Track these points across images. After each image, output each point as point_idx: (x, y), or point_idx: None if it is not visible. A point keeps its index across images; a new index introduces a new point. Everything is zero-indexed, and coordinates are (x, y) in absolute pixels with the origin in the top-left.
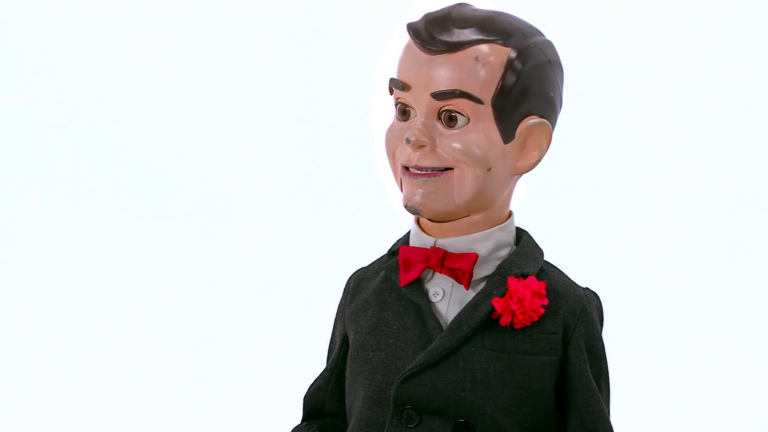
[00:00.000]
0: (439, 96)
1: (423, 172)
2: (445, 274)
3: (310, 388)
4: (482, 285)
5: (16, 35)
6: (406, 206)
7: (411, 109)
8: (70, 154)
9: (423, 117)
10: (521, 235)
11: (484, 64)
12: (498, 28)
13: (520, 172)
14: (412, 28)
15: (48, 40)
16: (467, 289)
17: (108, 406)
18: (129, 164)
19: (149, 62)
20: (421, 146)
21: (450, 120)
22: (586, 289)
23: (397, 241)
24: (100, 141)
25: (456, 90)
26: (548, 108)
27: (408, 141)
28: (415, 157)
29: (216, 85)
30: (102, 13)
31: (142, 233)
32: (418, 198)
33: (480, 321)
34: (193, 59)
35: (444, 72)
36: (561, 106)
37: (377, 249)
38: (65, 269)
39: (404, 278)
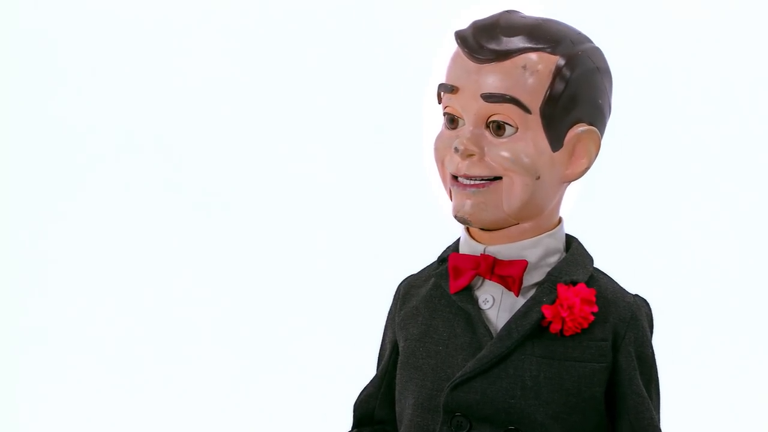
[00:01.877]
0: (488, 98)
1: (472, 183)
2: (494, 281)
3: (360, 395)
4: (532, 292)
5: (56, 40)
6: (455, 216)
7: (459, 119)
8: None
9: (471, 126)
10: (571, 242)
11: (532, 73)
12: (546, 36)
13: (569, 180)
14: (460, 36)
15: (84, 44)
16: (517, 296)
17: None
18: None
19: (193, 60)
20: (470, 155)
21: (498, 129)
22: (636, 296)
23: (447, 248)
24: (133, 142)
25: (506, 95)
26: (597, 115)
27: (456, 150)
28: (463, 166)
29: (264, 88)
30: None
31: (190, 236)
32: (467, 208)
33: (530, 328)
34: (240, 61)
35: (492, 80)
36: (610, 113)
37: (427, 256)
38: (104, 267)
39: (454, 285)
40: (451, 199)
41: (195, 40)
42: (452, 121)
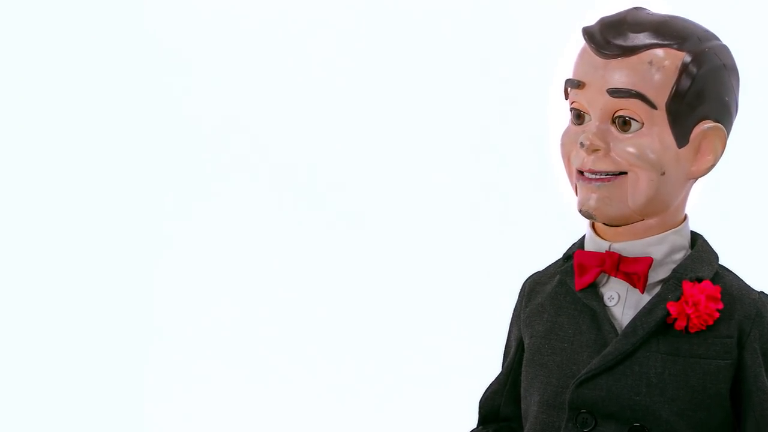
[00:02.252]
0: (614, 93)
1: (597, 177)
2: (620, 278)
3: (485, 392)
4: (657, 289)
5: (165, 38)
6: (580, 211)
7: (585, 114)
8: (229, 158)
9: (597, 121)
10: (696, 238)
11: (658, 68)
12: (673, 33)
13: (695, 177)
14: (588, 32)
15: (212, 48)
16: (642, 293)
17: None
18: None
19: (322, 65)
20: (595, 150)
21: (624, 124)
22: (762, 293)
23: (572, 245)
24: (260, 145)
25: (632, 90)
26: (723, 112)
27: (582, 145)
28: (589, 161)
29: (391, 88)
30: (253, 14)
31: (312, 238)
32: (592, 203)
33: (655, 325)
34: (365, 62)
35: (619, 76)
36: (737, 110)
37: (552, 253)
38: (229, 267)
39: (579, 282)
40: (577, 195)
41: (324, 43)
42: (578, 116)
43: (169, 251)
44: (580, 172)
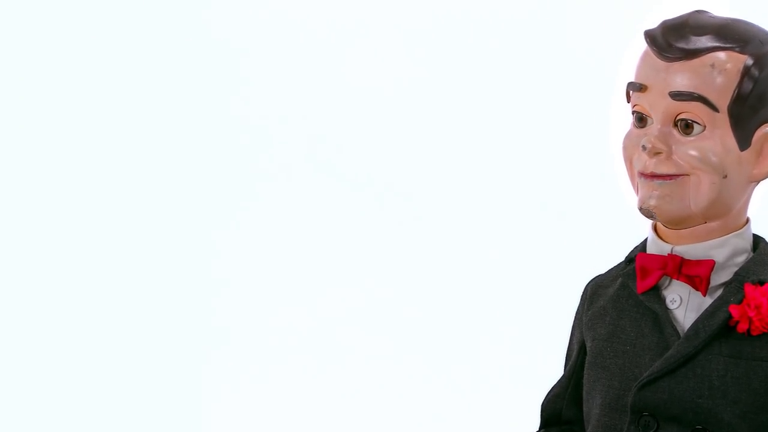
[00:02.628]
0: (676, 96)
1: (659, 175)
2: (682, 281)
3: (547, 394)
4: (719, 292)
5: (239, 45)
6: (641, 209)
7: (647, 117)
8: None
9: (659, 124)
10: (758, 242)
11: (720, 71)
12: (735, 36)
13: (757, 180)
14: (649, 35)
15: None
16: (704, 296)
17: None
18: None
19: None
20: (657, 153)
21: (686, 127)
22: None
23: (634, 248)
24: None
25: (694, 93)
26: None
27: (644, 148)
28: (651, 164)
29: (451, 89)
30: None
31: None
32: (653, 201)
33: (717, 328)
34: (424, 62)
35: (681, 79)
36: None
37: (613, 256)
38: (288, 268)
39: (641, 285)
40: (638, 195)
41: (378, 42)
42: (641, 119)
43: (226, 251)
44: (642, 174)
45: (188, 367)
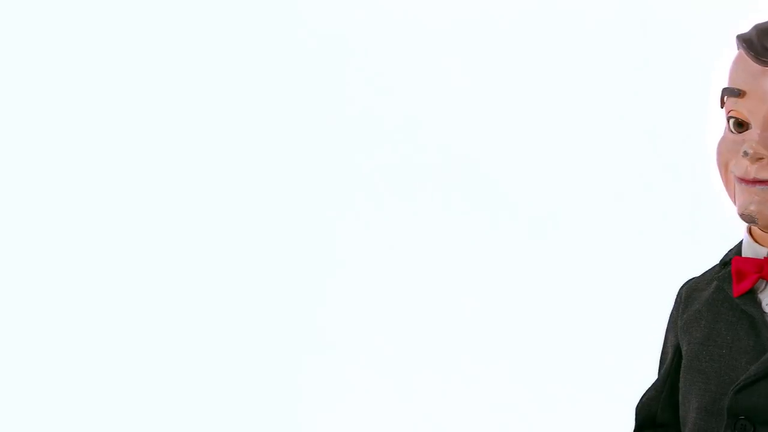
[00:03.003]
0: None
1: (761, 180)
2: None
3: (642, 398)
4: None
5: (347, 44)
6: (741, 215)
7: (746, 122)
8: (399, 159)
9: (759, 129)
10: None
11: None
12: None
13: None
14: (744, 40)
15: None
16: None
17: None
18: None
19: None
20: (759, 159)
21: None
22: None
23: (729, 251)
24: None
25: None
26: None
27: (746, 154)
28: (752, 170)
29: (545, 89)
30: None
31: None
32: (753, 207)
33: None
34: (511, 63)
35: None
36: None
37: (707, 259)
38: (389, 271)
39: (737, 289)
40: (735, 202)
41: (483, 39)
42: (739, 125)
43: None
44: (741, 179)
45: (286, 372)
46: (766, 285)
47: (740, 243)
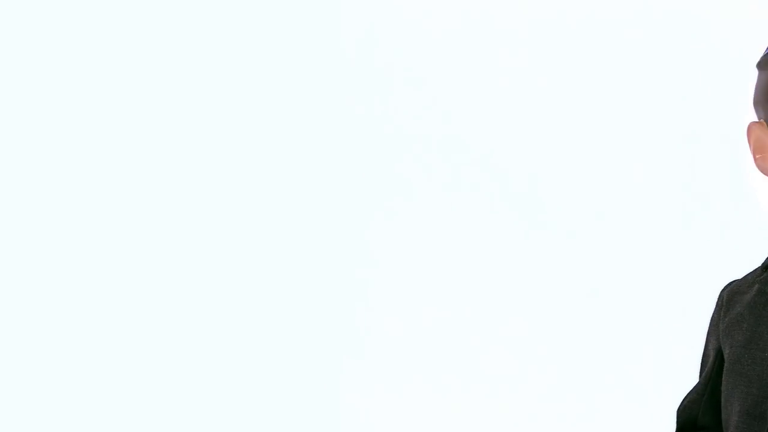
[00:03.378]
0: None
1: None
2: None
3: (683, 401)
4: None
5: (388, 50)
6: None
7: None
8: (438, 166)
9: None
10: None
11: None
12: None
13: None
14: None
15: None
16: None
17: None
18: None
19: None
20: None
21: None
22: None
23: None
24: (467, 153)
25: None
26: None
27: None
28: None
29: (586, 94)
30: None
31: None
32: None
33: None
34: (562, 63)
35: None
36: None
37: (749, 262)
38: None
39: None
40: None
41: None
42: None
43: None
44: None
45: (327, 373)
46: None
47: None
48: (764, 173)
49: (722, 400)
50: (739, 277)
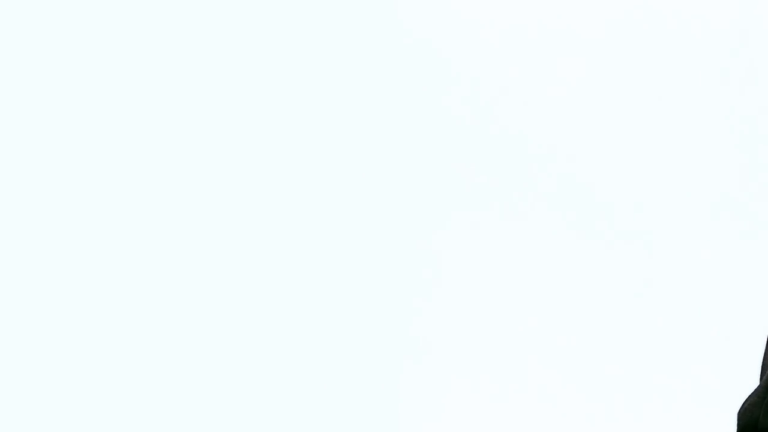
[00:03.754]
0: None
1: None
2: None
3: (743, 404)
4: None
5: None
6: None
7: None
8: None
9: None
10: None
11: None
12: None
13: None
14: None
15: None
16: None
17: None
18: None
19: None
20: None
21: None
22: None
23: None
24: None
25: None
26: None
27: None
28: None
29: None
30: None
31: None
32: None
33: None
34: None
35: None
36: None
37: None
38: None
39: None
40: None
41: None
42: None
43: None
44: None
45: (385, 376)
46: None
47: None
48: None
49: None
50: None
